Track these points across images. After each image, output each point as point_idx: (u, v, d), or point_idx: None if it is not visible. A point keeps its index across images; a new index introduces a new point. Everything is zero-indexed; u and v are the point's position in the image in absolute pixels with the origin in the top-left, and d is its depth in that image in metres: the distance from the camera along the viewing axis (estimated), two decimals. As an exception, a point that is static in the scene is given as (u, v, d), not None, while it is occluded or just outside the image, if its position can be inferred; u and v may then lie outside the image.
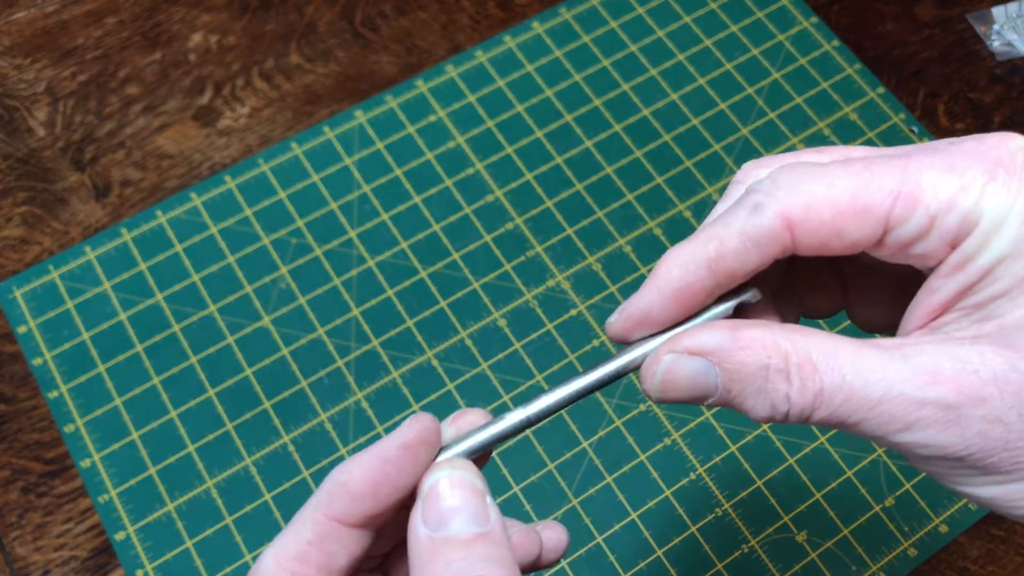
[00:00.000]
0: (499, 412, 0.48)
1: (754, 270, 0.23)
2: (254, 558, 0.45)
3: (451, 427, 0.26)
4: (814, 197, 0.21)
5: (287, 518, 0.46)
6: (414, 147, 0.55)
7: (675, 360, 0.23)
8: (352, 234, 0.53)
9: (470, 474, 0.24)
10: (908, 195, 0.21)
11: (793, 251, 0.22)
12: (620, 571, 0.45)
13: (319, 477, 0.47)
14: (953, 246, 0.21)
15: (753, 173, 0.24)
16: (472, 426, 0.26)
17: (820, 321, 0.50)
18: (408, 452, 0.23)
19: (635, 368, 0.25)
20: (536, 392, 0.34)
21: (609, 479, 0.47)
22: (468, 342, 0.50)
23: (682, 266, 0.23)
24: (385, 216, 0.53)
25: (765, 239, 0.22)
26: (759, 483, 0.48)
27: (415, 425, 0.24)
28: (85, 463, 0.47)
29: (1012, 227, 0.20)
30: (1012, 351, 0.20)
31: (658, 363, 0.23)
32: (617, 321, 0.24)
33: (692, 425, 0.49)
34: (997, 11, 0.61)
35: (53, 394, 0.48)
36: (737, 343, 0.22)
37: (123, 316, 0.50)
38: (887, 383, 0.21)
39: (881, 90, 0.58)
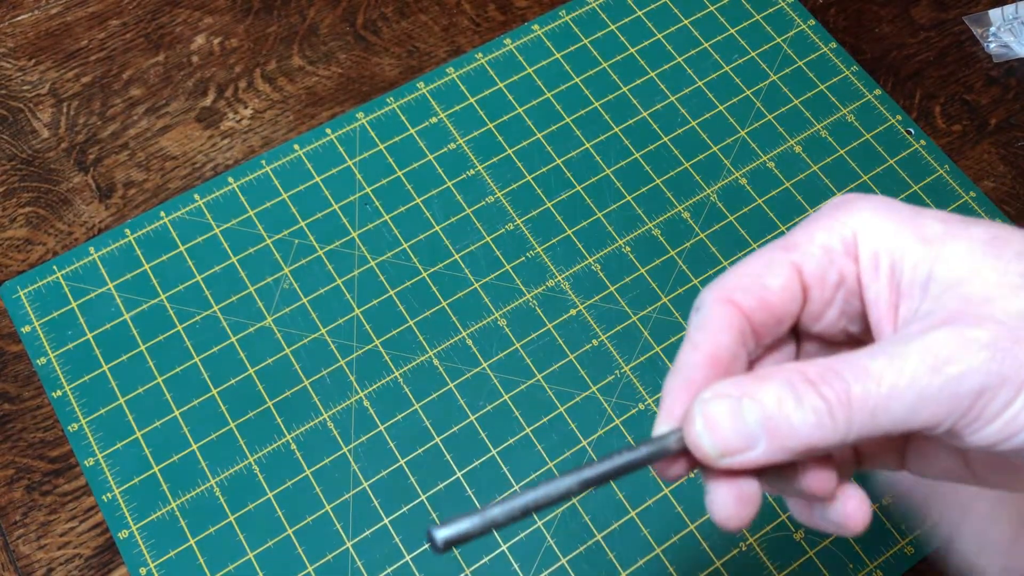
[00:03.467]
0: (499, 412, 0.49)
1: (732, 342, 0.25)
2: (257, 556, 0.45)
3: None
4: (733, 273, 0.26)
5: (289, 516, 0.46)
6: (415, 148, 0.56)
7: (704, 405, 0.23)
8: (354, 234, 0.53)
9: None
10: (790, 243, 0.26)
11: (749, 317, 0.25)
12: (619, 569, 0.46)
13: (321, 476, 0.47)
14: (850, 255, 0.25)
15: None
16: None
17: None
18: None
19: (657, 455, 0.24)
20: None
21: (608, 477, 0.48)
22: (469, 341, 0.51)
23: (682, 368, 0.25)
24: (386, 217, 0.54)
25: (718, 317, 0.25)
26: (757, 481, 0.48)
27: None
28: (88, 462, 0.47)
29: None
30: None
31: (693, 415, 0.24)
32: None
33: (691, 424, 0.49)
34: (994, 13, 0.62)
35: (57, 393, 0.49)
36: (754, 377, 0.23)
37: (127, 316, 0.51)
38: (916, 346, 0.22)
39: (878, 92, 0.59)
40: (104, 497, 0.46)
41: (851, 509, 0.25)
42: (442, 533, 0.22)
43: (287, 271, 0.52)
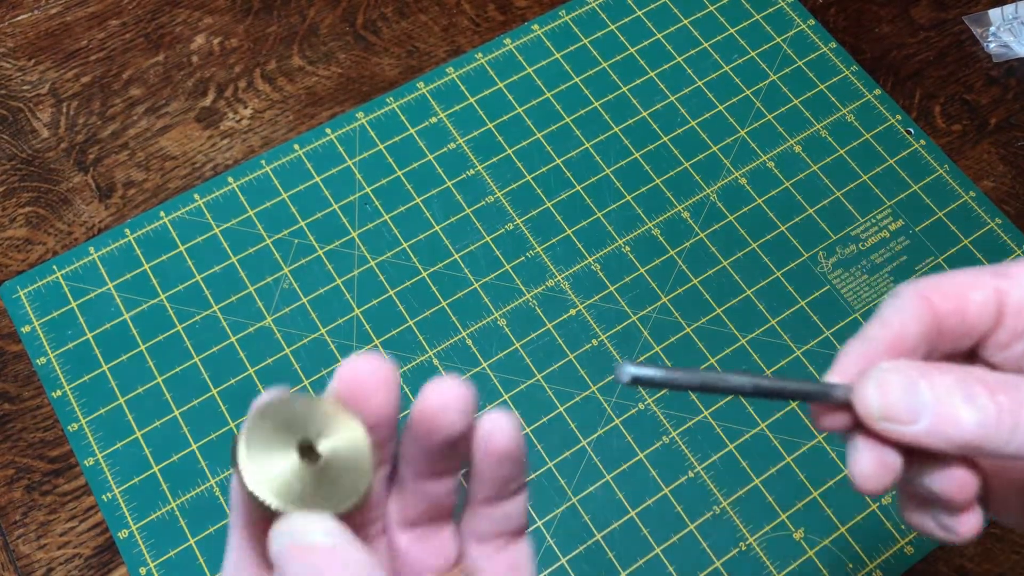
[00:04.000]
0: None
1: (917, 335, 0.26)
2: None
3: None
4: (938, 277, 0.26)
5: (289, 516, 0.46)
6: (415, 148, 0.56)
7: (882, 372, 0.24)
8: (354, 234, 0.53)
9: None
10: (1005, 271, 0.26)
11: (937, 320, 0.26)
12: (619, 568, 0.46)
13: (321, 475, 0.47)
14: None
15: None
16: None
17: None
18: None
19: (821, 396, 0.25)
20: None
21: (608, 477, 0.48)
22: (468, 341, 0.51)
23: (866, 339, 0.26)
24: (386, 216, 0.54)
25: (913, 307, 0.26)
26: (757, 481, 0.48)
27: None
28: (88, 462, 0.47)
29: None
30: None
31: (868, 376, 0.25)
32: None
33: (690, 423, 0.49)
34: (994, 13, 0.62)
35: (57, 393, 0.49)
36: (935, 365, 0.24)
37: (126, 316, 0.51)
38: None
39: (878, 92, 0.59)
40: (104, 497, 0.46)
41: (968, 516, 0.26)
42: (631, 370, 0.24)
43: (287, 271, 0.52)
